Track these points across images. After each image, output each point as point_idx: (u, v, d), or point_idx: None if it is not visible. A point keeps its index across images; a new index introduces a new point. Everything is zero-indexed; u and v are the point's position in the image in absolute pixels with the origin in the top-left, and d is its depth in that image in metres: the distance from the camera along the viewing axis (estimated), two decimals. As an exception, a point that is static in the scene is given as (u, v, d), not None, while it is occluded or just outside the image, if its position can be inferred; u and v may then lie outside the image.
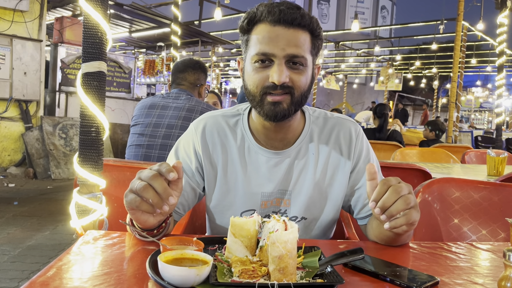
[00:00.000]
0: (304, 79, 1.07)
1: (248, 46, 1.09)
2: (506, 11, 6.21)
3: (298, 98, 1.08)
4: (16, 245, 3.51)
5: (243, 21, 1.09)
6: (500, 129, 6.66)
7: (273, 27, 1.04)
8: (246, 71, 1.11)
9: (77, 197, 1.43)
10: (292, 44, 1.03)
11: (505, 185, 1.47)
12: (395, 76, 16.71)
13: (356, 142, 1.20)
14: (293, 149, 1.17)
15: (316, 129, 1.20)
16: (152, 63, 12.15)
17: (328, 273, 0.78)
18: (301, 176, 1.17)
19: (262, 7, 1.06)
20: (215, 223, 1.21)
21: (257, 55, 1.05)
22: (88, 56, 1.41)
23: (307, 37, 1.07)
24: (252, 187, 1.16)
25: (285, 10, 1.03)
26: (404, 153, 3.79)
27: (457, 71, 7.83)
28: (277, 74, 1.02)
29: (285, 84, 1.04)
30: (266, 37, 1.04)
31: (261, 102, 1.07)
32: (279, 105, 1.06)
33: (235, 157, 1.17)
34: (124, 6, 8.69)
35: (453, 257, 0.97)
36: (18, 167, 6.66)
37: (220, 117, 1.21)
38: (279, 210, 1.17)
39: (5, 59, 6.49)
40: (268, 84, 1.05)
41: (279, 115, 1.07)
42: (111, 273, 0.76)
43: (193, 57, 2.72)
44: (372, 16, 32.76)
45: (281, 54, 1.03)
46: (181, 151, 1.20)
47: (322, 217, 1.19)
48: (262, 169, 1.16)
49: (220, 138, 1.18)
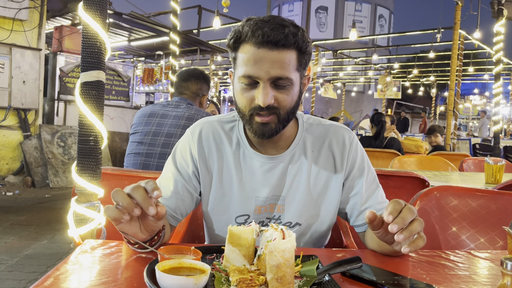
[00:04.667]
0: (290, 98, 1.09)
1: (236, 64, 1.11)
2: (502, 20, 6.26)
3: (284, 116, 1.09)
4: (13, 254, 3.49)
5: (230, 39, 1.10)
6: (498, 137, 6.68)
7: (257, 49, 1.04)
8: (235, 88, 1.13)
9: (75, 206, 1.43)
10: (276, 66, 1.04)
11: (503, 193, 1.47)
12: (393, 84, 16.76)
13: (349, 149, 1.21)
14: (286, 155, 1.19)
15: (310, 136, 1.22)
16: (151, 71, 12.19)
17: (326, 282, 0.78)
18: (294, 181, 1.18)
19: (247, 26, 1.05)
20: (211, 229, 1.22)
21: (243, 77, 1.06)
22: (87, 66, 1.41)
23: (293, 55, 1.06)
24: (246, 191, 1.17)
25: (268, 32, 1.02)
26: (402, 161, 3.79)
27: (454, 79, 7.88)
28: (262, 97, 1.04)
29: (270, 106, 1.06)
30: (251, 60, 1.04)
31: (250, 121, 1.10)
32: (267, 125, 1.09)
33: (230, 161, 1.19)
34: (123, 15, 8.74)
35: (451, 266, 0.97)
36: (16, 175, 6.65)
37: (216, 123, 1.23)
38: (273, 216, 1.18)
39: (4, 67, 6.51)
40: (254, 106, 1.07)
41: (268, 134, 1.10)
42: (108, 283, 0.76)
43: (196, 67, 2.73)
44: (370, 24, 32.95)
45: (266, 77, 1.04)
46: (178, 155, 1.22)
47: (317, 223, 1.20)
48: (257, 174, 1.17)
49: (216, 143, 1.20)
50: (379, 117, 4.84)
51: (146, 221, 0.90)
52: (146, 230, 0.91)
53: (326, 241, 1.30)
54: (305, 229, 1.19)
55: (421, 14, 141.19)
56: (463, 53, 8.55)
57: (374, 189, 1.22)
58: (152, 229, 0.92)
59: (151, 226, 0.90)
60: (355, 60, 16.45)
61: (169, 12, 5.62)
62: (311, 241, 1.21)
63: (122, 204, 0.84)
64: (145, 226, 0.90)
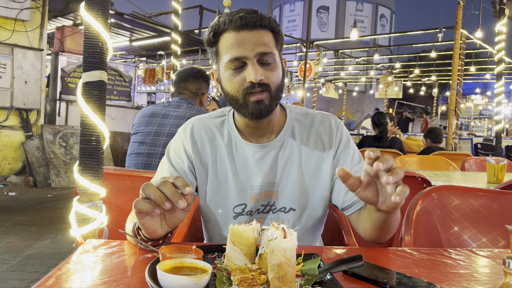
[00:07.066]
0: (277, 74, 1.15)
1: (219, 57, 1.17)
2: (504, 19, 6.25)
3: (275, 93, 1.15)
4: (15, 254, 3.50)
5: (209, 34, 1.16)
6: (499, 136, 6.66)
7: (238, 33, 1.12)
8: (222, 79, 1.17)
9: (77, 206, 1.43)
10: (259, 43, 1.11)
11: (505, 192, 1.46)
12: (394, 84, 16.75)
13: (336, 132, 1.26)
14: (277, 142, 1.23)
15: (298, 124, 1.27)
16: (153, 71, 12.20)
17: (328, 280, 0.78)
18: (286, 167, 1.22)
19: (223, 17, 1.14)
20: (210, 221, 1.24)
21: (230, 61, 1.12)
22: (89, 66, 1.41)
23: (270, 35, 1.15)
24: (241, 181, 1.20)
25: (245, 16, 1.11)
26: (404, 160, 3.79)
27: (456, 79, 7.87)
28: (253, 73, 1.09)
29: (261, 82, 1.11)
30: (234, 43, 1.11)
31: (244, 104, 1.14)
32: (262, 103, 1.13)
33: (224, 154, 1.22)
34: (124, 15, 8.75)
35: (453, 264, 0.97)
36: (18, 175, 6.66)
37: (207, 119, 1.28)
38: (268, 203, 1.21)
39: (6, 68, 6.52)
40: (246, 85, 1.12)
41: (264, 112, 1.14)
42: (110, 282, 0.76)
43: (194, 66, 2.73)
44: (371, 24, 32.89)
45: (252, 54, 1.10)
46: (172, 153, 1.24)
47: (311, 207, 1.22)
48: (250, 163, 1.21)
49: (208, 137, 1.24)
50: (380, 118, 4.78)
51: (171, 215, 0.92)
52: (167, 225, 0.93)
53: (321, 228, 1.32)
54: (300, 214, 1.22)
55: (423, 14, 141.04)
56: (465, 53, 8.54)
57: (360, 168, 1.23)
58: (174, 223, 0.94)
59: (176, 219, 0.93)
60: (356, 60, 16.42)
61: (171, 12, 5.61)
62: (306, 227, 1.23)
63: (154, 197, 0.85)
64: (168, 220, 0.92)
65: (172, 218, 0.92)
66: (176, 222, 0.94)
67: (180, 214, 0.92)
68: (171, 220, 0.92)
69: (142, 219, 0.89)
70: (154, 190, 0.85)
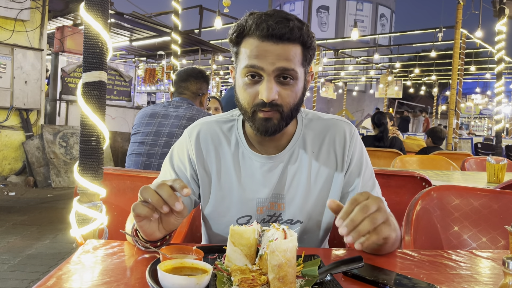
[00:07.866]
0: (294, 94, 1.07)
1: (238, 59, 1.09)
2: (504, 18, 6.25)
3: (288, 113, 1.07)
4: (16, 254, 3.50)
5: (232, 33, 1.08)
6: (499, 136, 6.67)
7: (261, 43, 1.02)
8: (237, 84, 1.11)
9: (77, 206, 1.43)
10: (282, 58, 1.02)
11: (505, 192, 1.46)
12: (394, 83, 16.75)
13: (350, 144, 1.18)
14: (285, 153, 1.17)
15: (310, 132, 1.19)
16: (153, 71, 12.19)
17: (328, 281, 0.78)
18: (294, 179, 1.16)
19: (251, 20, 1.04)
20: (211, 230, 1.21)
21: (246, 67, 1.04)
22: (89, 66, 1.42)
23: (298, 49, 1.05)
24: (247, 193, 1.15)
25: (273, 26, 1.00)
26: (404, 160, 3.79)
27: (456, 78, 7.87)
28: (266, 92, 1.02)
29: (273, 102, 1.04)
30: (255, 52, 1.03)
31: (252, 118, 1.08)
32: (270, 121, 1.06)
33: (229, 163, 1.17)
34: (124, 15, 8.74)
35: (453, 265, 0.97)
36: (18, 175, 6.66)
37: (215, 123, 1.22)
38: (274, 214, 1.17)
39: (6, 68, 6.52)
40: (258, 102, 1.05)
41: (270, 130, 1.07)
42: (111, 282, 0.76)
43: (195, 66, 2.73)
44: (371, 24, 32.89)
45: (271, 68, 1.02)
46: (176, 158, 1.21)
47: (318, 220, 1.18)
48: (257, 175, 1.16)
49: (214, 144, 1.19)
50: (380, 118, 4.78)
51: (168, 219, 0.91)
52: (164, 229, 0.92)
53: (327, 239, 1.29)
54: (306, 226, 1.18)
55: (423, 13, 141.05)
56: (465, 52, 8.54)
57: (371, 185, 1.20)
58: (170, 228, 0.92)
59: (172, 223, 0.91)
60: (356, 60, 16.43)
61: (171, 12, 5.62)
62: (312, 239, 1.21)
63: (152, 200, 0.84)
64: (165, 224, 0.91)
65: (167, 222, 0.91)
66: (172, 227, 0.93)
67: (175, 220, 0.91)
68: (167, 224, 0.91)
69: (140, 222, 0.88)
70: (152, 193, 0.84)
